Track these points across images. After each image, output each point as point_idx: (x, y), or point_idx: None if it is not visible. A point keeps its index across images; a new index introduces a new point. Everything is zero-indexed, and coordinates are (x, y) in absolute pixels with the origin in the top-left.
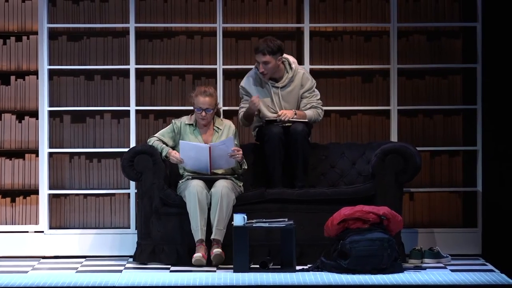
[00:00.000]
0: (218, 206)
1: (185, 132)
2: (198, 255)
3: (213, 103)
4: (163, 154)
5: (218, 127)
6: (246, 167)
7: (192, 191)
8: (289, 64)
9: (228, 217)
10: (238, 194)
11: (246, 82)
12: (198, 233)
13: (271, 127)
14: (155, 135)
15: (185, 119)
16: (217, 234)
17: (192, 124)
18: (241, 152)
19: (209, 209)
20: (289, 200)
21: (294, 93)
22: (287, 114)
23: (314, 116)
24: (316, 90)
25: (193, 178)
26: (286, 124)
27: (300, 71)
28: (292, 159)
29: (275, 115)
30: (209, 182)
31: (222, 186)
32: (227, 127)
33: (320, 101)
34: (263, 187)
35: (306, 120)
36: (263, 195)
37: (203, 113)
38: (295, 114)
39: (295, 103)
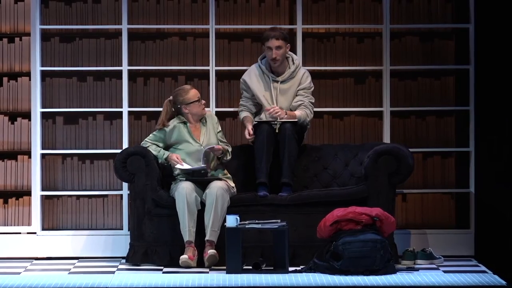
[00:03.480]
0: (213, 207)
1: (179, 130)
2: (184, 257)
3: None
4: (164, 156)
5: (203, 120)
6: (228, 158)
7: (181, 192)
8: (292, 60)
9: (222, 218)
10: (232, 195)
11: (247, 76)
12: (186, 234)
13: (262, 125)
14: (148, 140)
15: (174, 120)
16: (212, 235)
17: (183, 122)
18: (219, 148)
19: (203, 210)
20: (282, 205)
21: (293, 89)
22: (280, 112)
23: (303, 116)
24: (311, 95)
25: (186, 179)
26: (273, 124)
27: (302, 69)
28: (279, 156)
29: (269, 111)
30: (204, 182)
31: (217, 188)
32: (210, 118)
33: (312, 105)
34: (254, 192)
35: (296, 120)
36: (255, 198)
37: (203, 101)
38: (286, 114)
39: (292, 99)
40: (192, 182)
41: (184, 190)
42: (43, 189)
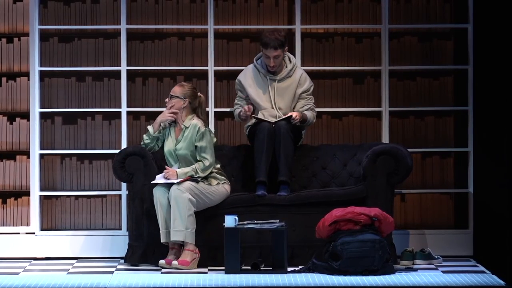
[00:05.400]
0: (172, 209)
1: (167, 130)
2: (161, 262)
3: (178, 91)
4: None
5: (185, 125)
6: (201, 176)
7: (154, 195)
8: (289, 59)
9: (186, 216)
10: (204, 192)
11: (242, 76)
12: (162, 235)
13: (262, 124)
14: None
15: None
16: (175, 235)
17: (173, 122)
18: (169, 173)
19: (199, 212)
20: (281, 205)
21: (290, 89)
22: (297, 116)
23: (310, 118)
24: (312, 93)
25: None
26: (272, 122)
27: (299, 70)
28: (275, 154)
29: (266, 112)
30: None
31: (172, 190)
32: (192, 127)
33: (314, 104)
34: (253, 192)
35: (289, 116)
36: (254, 199)
37: (167, 99)
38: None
39: (290, 99)
40: (165, 184)
41: (156, 193)
42: (41, 189)
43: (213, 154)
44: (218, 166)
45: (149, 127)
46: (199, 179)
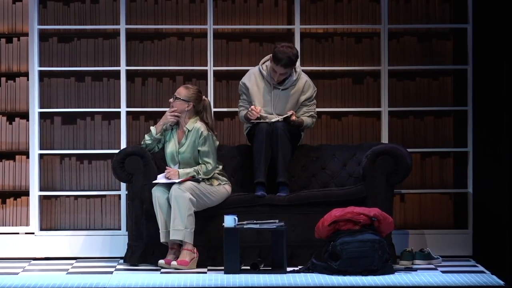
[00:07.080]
0: (172, 208)
1: (168, 132)
2: (161, 261)
3: (183, 94)
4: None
5: (187, 129)
6: (202, 177)
7: (153, 195)
8: (294, 69)
9: (186, 216)
10: (199, 194)
11: (247, 79)
12: (162, 235)
13: (261, 124)
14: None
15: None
16: (174, 234)
17: (175, 125)
18: (170, 173)
19: (197, 213)
20: (280, 205)
21: (294, 97)
22: (294, 117)
23: (308, 124)
24: (314, 99)
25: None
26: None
27: (303, 77)
28: (273, 155)
29: (263, 115)
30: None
31: (173, 189)
32: (195, 131)
33: (315, 111)
34: (252, 193)
35: (288, 116)
36: (254, 199)
37: (171, 99)
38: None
39: (292, 106)
40: (165, 184)
41: (155, 193)
42: (41, 189)
43: (216, 158)
44: (220, 167)
45: (152, 128)
46: (200, 179)
